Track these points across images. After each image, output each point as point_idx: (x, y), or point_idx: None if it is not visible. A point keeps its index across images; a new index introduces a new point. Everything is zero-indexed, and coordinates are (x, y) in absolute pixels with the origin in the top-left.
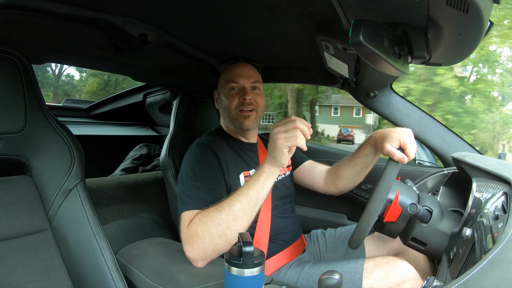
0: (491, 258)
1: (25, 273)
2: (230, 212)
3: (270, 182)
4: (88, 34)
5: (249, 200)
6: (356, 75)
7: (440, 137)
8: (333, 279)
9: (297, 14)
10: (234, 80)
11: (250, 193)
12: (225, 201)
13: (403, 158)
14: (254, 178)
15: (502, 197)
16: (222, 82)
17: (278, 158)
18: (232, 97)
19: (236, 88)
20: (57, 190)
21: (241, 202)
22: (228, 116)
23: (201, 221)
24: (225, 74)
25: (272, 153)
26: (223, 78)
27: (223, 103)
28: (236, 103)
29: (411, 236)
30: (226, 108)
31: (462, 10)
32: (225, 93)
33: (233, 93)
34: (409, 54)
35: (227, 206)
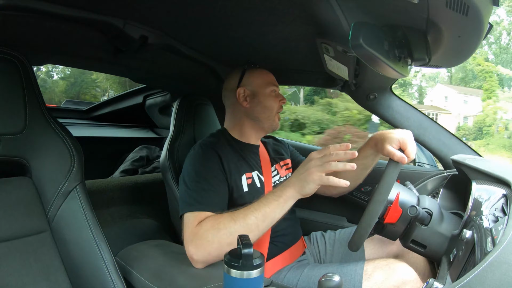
0: (491, 260)
1: (24, 275)
2: (244, 224)
3: (289, 205)
4: (88, 36)
5: (265, 217)
6: (356, 77)
7: (440, 139)
8: (333, 281)
9: (297, 17)
10: (276, 84)
11: (267, 211)
12: (241, 211)
13: (403, 158)
14: (274, 197)
15: (502, 199)
16: (259, 83)
17: (305, 189)
18: (274, 100)
19: (276, 92)
20: (57, 192)
21: (257, 218)
22: (267, 116)
23: (213, 227)
24: (261, 76)
25: (301, 182)
26: (261, 80)
27: (264, 103)
28: (277, 107)
29: (411, 238)
30: (268, 109)
31: (462, 12)
32: (267, 94)
33: (275, 95)
34: (409, 57)
35: (242, 218)
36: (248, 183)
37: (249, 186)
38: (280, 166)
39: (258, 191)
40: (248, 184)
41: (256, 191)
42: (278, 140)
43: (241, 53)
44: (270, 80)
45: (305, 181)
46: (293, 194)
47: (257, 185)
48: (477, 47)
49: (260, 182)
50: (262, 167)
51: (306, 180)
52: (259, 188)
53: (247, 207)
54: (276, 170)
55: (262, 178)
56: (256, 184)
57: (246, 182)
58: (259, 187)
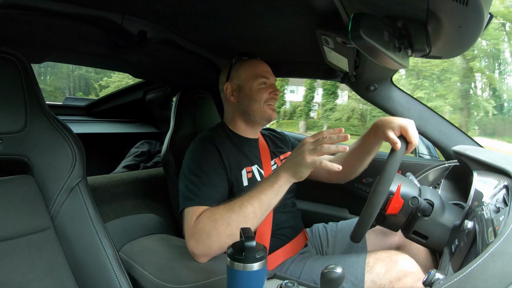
0: (492, 251)
1: (28, 272)
2: (241, 213)
3: (284, 190)
4: (87, 32)
5: (261, 204)
6: (356, 69)
7: (441, 130)
8: (336, 273)
9: (296, 9)
10: (265, 76)
11: (263, 198)
12: (237, 201)
13: (397, 145)
14: (269, 183)
15: (503, 190)
16: (247, 76)
17: (298, 173)
18: (263, 91)
19: (266, 83)
20: (59, 189)
21: (253, 205)
22: (255, 109)
23: (210, 219)
24: (248, 67)
25: (294, 166)
26: (248, 71)
27: (250, 95)
28: (266, 97)
29: (413, 229)
30: (255, 100)
31: (462, 3)
32: (254, 87)
33: (264, 87)
34: (409, 48)
35: (238, 207)
36: (248, 177)
37: (249, 180)
38: (280, 160)
39: None
40: (248, 178)
41: None
42: (278, 133)
43: (241, 46)
44: (258, 71)
45: (298, 165)
46: (287, 178)
47: (257, 179)
48: (477, 37)
49: (260, 176)
50: (262, 160)
51: (299, 164)
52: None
53: (242, 196)
54: (276, 164)
55: (262, 172)
56: (256, 178)
57: (246, 176)
58: (259, 181)
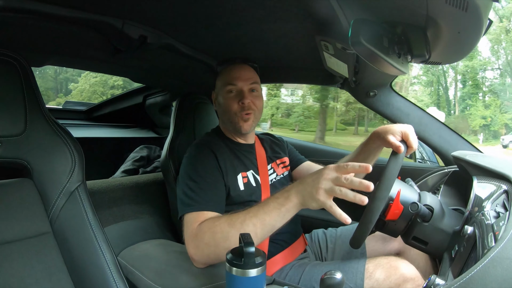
0: (492, 256)
1: (26, 276)
2: (241, 230)
3: (291, 215)
4: (87, 37)
5: (264, 226)
6: (355, 74)
7: (440, 135)
8: (335, 279)
9: (296, 14)
10: (232, 83)
11: (266, 219)
12: (239, 216)
13: (400, 147)
14: (276, 205)
15: (503, 195)
16: (220, 84)
17: (308, 203)
18: (231, 100)
19: (234, 91)
20: (58, 193)
21: (255, 226)
22: (227, 119)
23: (210, 230)
24: (222, 76)
25: (306, 196)
26: (221, 80)
27: (222, 106)
28: (235, 108)
29: (413, 235)
30: (225, 111)
31: (461, 8)
32: (223, 96)
33: (231, 96)
34: (409, 53)
35: (239, 224)
36: (244, 182)
37: (245, 185)
38: (277, 165)
39: (254, 190)
40: (244, 183)
41: (252, 190)
42: (276, 138)
43: (241, 51)
44: (228, 79)
45: (310, 198)
46: (296, 205)
47: (253, 184)
48: (477, 43)
49: (256, 182)
50: (258, 166)
51: (311, 197)
52: (255, 187)
53: (246, 211)
54: (272, 168)
55: (258, 177)
56: (252, 184)
57: (242, 181)
58: (255, 186)
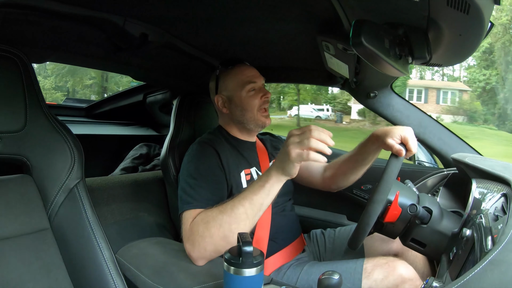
0: (490, 259)
1: (24, 272)
2: (232, 214)
3: (276, 190)
4: (88, 34)
5: (253, 205)
6: (356, 75)
7: (440, 138)
8: (333, 279)
9: (297, 15)
10: (252, 81)
11: (254, 199)
12: (229, 203)
13: (401, 151)
14: (260, 183)
15: (502, 198)
16: (235, 86)
17: (287, 169)
18: (253, 98)
19: (256, 88)
20: (58, 190)
21: (244, 207)
22: (249, 118)
23: (203, 221)
24: (234, 76)
25: (282, 163)
26: (235, 81)
27: (241, 105)
28: (258, 104)
29: (411, 236)
30: (247, 110)
31: (463, 11)
32: (243, 95)
33: (253, 94)
34: (410, 55)
35: (230, 208)
36: (247, 180)
37: (248, 182)
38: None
39: None
40: (247, 181)
41: None
42: (275, 137)
43: (242, 51)
44: (245, 78)
45: (285, 161)
46: (277, 176)
47: None
48: (478, 45)
49: None
50: (260, 163)
51: (286, 160)
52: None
53: (234, 197)
54: None
55: (260, 173)
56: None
57: (245, 179)
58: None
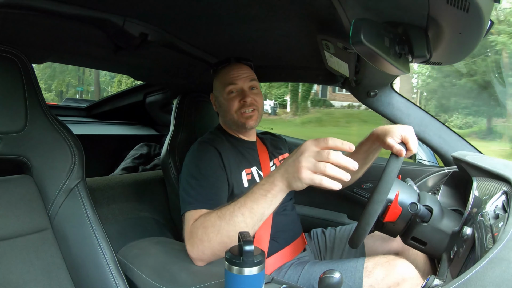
0: (491, 257)
1: (25, 273)
2: (231, 222)
3: (279, 200)
4: (88, 33)
5: (253, 214)
6: (356, 74)
7: (440, 136)
8: (334, 278)
9: (297, 13)
10: (232, 82)
11: (254, 208)
12: (228, 208)
13: (402, 151)
14: (262, 192)
15: (503, 196)
16: (219, 86)
17: (293, 184)
18: (232, 101)
19: (234, 91)
20: (58, 190)
21: (244, 215)
22: (229, 119)
23: (202, 225)
24: (220, 77)
25: (289, 175)
26: (219, 82)
27: (223, 106)
28: (236, 106)
29: (411, 235)
30: (227, 111)
31: (463, 9)
32: (224, 97)
33: (232, 96)
34: (410, 53)
35: (228, 215)
36: (248, 179)
37: (249, 182)
38: (279, 161)
39: None
40: (248, 180)
41: None
42: (276, 136)
43: (242, 50)
44: (227, 79)
45: (293, 178)
46: (282, 188)
47: (257, 180)
48: (478, 43)
49: (260, 178)
50: (261, 162)
51: (294, 177)
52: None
53: (234, 202)
54: (274, 165)
55: (261, 173)
56: (256, 180)
57: (246, 178)
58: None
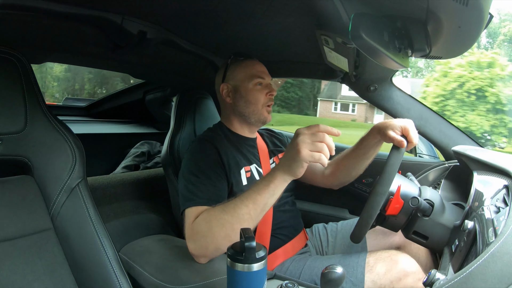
0: (493, 251)
1: (28, 273)
2: (235, 214)
3: (280, 190)
4: (86, 33)
5: (256, 205)
6: (356, 69)
7: (441, 130)
8: (336, 273)
9: (296, 8)
10: (261, 76)
11: (258, 198)
12: (231, 202)
13: (403, 142)
14: (264, 183)
15: (503, 190)
16: (243, 77)
17: (294, 168)
18: (259, 93)
19: (261, 84)
20: (59, 189)
21: (248, 207)
22: (253, 110)
23: (205, 220)
24: (244, 68)
25: (289, 162)
26: (243, 73)
27: (246, 97)
28: (263, 99)
29: (413, 229)
30: (252, 103)
31: (462, 3)
32: (249, 88)
33: (259, 89)
34: (409, 48)
35: (232, 208)
36: (247, 177)
37: (248, 179)
38: (279, 158)
39: None
40: (247, 178)
41: None
42: (276, 133)
43: (240, 46)
44: (255, 72)
45: (293, 160)
46: (283, 176)
47: (256, 178)
48: (477, 37)
49: (259, 175)
50: (261, 160)
51: (293, 158)
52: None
53: (238, 197)
54: (274, 162)
55: (261, 171)
56: (255, 177)
57: (245, 176)
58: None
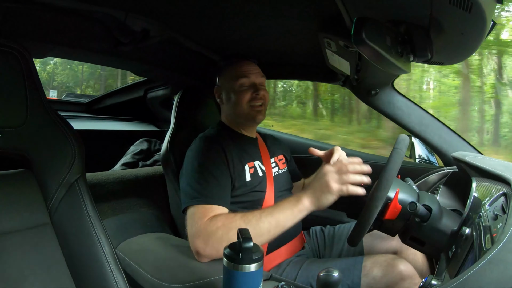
0: (489, 258)
1: (24, 267)
2: (257, 228)
3: (301, 217)
4: (89, 28)
5: (278, 224)
6: (357, 72)
7: (441, 136)
8: (332, 276)
9: (299, 11)
10: (245, 75)
11: (280, 218)
12: (255, 213)
13: None
14: (289, 205)
15: (502, 197)
16: (229, 78)
17: (323, 201)
18: (244, 93)
19: (247, 84)
20: (58, 185)
21: (270, 223)
22: (239, 111)
23: (224, 225)
24: (231, 70)
25: (319, 193)
26: (230, 74)
27: (232, 98)
28: (248, 98)
29: (410, 234)
30: (237, 104)
31: (465, 9)
32: (235, 89)
33: (244, 89)
34: (411, 53)
35: (255, 221)
36: (250, 173)
37: (252, 175)
38: (278, 160)
39: (260, 180)
40: (251, 174)
41: (259, 180)
42: (274, 137)
43: (243, 46)
44: (238, 72)
45: (323, 193)
46: (308, 206)
47: (260, 174)
48: (480, 44)
49: (262, 172)
50: (263, 157)
51: (324, 192)
52: (261, 177)
53: (261, 210)
54: (275, 162)
55: (263, 167)
56: (259, 173)
57: (248, 172)
58: (261, 176)
